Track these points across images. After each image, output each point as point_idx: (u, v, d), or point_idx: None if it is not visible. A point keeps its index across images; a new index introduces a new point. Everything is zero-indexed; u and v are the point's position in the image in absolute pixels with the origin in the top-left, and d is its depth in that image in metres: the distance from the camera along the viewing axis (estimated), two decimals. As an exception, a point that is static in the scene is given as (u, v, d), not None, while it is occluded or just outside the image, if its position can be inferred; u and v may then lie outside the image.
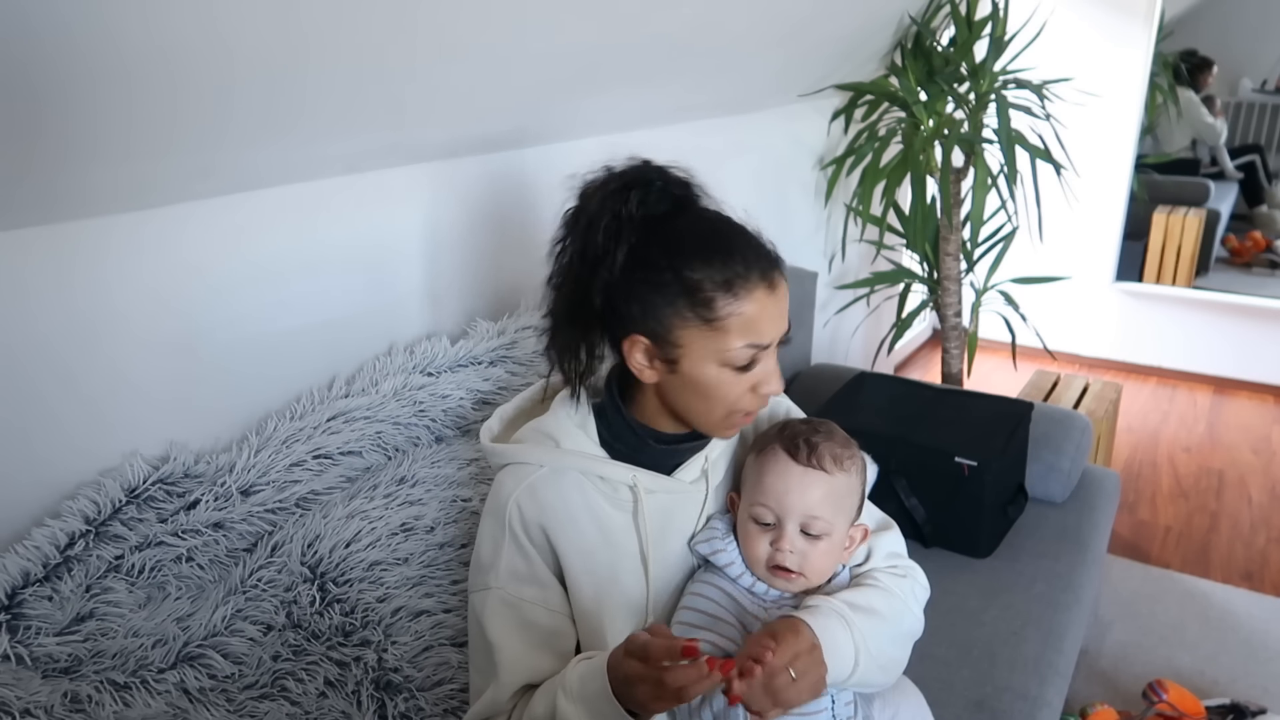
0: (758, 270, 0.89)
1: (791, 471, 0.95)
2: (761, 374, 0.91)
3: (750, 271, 0.88)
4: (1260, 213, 3.46)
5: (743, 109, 2.17)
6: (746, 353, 0.89)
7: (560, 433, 0.98)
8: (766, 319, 0.89)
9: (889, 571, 1.01)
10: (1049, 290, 3.38)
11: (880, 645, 0.93)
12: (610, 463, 0.97)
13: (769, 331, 0.90)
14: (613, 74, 1.50)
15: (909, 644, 1.01)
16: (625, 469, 0.97)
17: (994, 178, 2.42)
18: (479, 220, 1.52)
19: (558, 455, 0.97)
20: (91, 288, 1.00)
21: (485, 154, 1.49)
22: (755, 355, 0.90)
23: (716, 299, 0.87)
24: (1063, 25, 3.18)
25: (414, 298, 1.42)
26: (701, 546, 0.99)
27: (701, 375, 0.91)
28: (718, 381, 0.91)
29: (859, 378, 1.96)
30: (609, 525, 0.97)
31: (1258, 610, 2.20)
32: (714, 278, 0.88)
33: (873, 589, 0.97)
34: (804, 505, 0.94)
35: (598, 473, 0.97)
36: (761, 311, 0.88)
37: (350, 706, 1.02)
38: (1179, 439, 3.13)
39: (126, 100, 0.84)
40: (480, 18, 1.11)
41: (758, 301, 0.88)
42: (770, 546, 0.94)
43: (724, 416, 0.94)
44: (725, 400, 0.92)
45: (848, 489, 0.97)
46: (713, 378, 0.91)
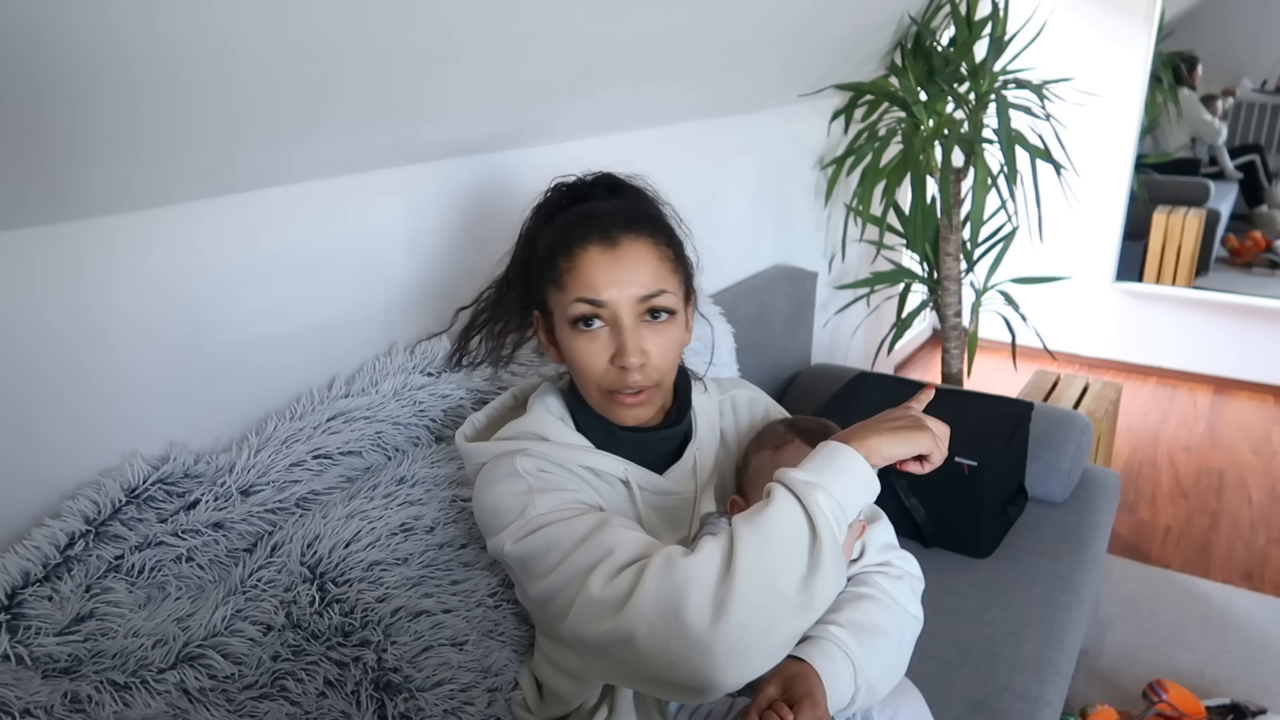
0: (597, 232, 0.91)
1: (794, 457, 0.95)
2: (616, 344, 0.92)
3: (589, 231, 0.91)
4: (1260, 213, 3.46)
5: (743, 109, 2.17)
6: (580, 308, 0.91)
7: (547, 429, 0.99)
8: (598, 274, 0.90)
9: (885, 573, 1.01)
10: (1049, 290, 3.38)
11: (881, 665, 0.93)
12: (602, 454, 0.98)
13: (603, 287, 0.90)
14: (613, 74, 1.50)
15: (910, 647, 1.00)
16: (617, 461, 0.97)
17: (994, 178, 2.42)
18: (481, 220, 1.52)
19: (548, 449, 0.97)
20: (94, 288, 1.00)
21: (487, 153, 1.49)
22: (595, 311, 0.91)
23: (558, 259, 0.92)
24: (1063, 25, 3.18)
25: (414, 297, 1.42)
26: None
27: (566, 342, 0.94)
28: (575, 348, 0.93)
29: (859, 378, 1.96)
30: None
31: (1258, 610, 2.20)
32: (560, 239, 0.93)
33: (872, 602, 0.96)
34: None
35: (589, 464, 0.97)
36: (593, 266, 0.90)
37: (350, 706, 1.02)
38: (1179, 439, 3.13)
39: (133, 100, 0.84)
40: (480, 17, 1.11)
41: (590, 257, 0.91)
42: None
43: (599, 395, 0.95)
44: (591, 372, 0.94)
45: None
46: (570, 343, 0.94)
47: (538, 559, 0.88)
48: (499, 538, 0.93)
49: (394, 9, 0.98)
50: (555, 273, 0.93)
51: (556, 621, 0.87)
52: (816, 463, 0.84)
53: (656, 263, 0.93)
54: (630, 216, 0.93)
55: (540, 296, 0.97)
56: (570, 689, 1.03)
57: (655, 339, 0.93)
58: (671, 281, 0.94)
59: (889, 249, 2.87)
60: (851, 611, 0.94)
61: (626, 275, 0.91)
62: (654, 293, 0.92)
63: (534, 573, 0.89)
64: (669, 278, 0.94)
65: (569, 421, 1.00)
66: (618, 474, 0.97)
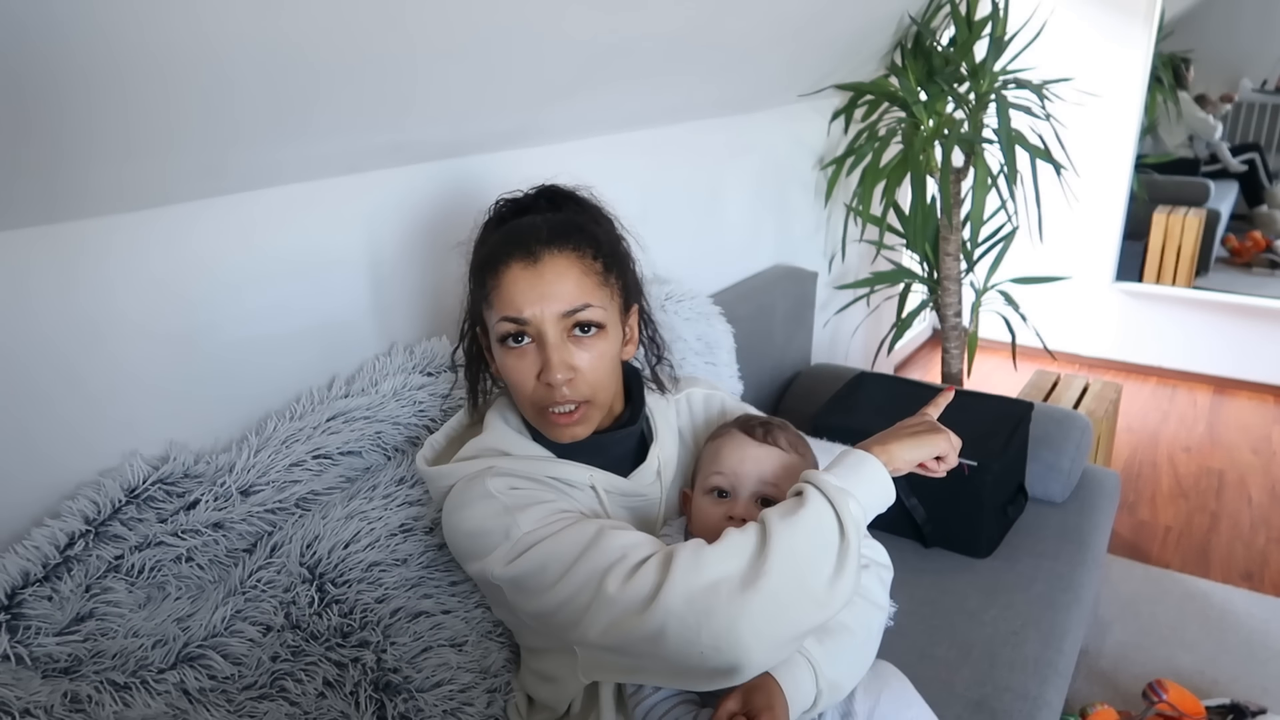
0: (519, 248, 0.91)
1: (747, 445, 0.99)
2: (541, 361, 0.92)
3: (512, 250, 0.92)
4: (1260, 213, 3.46)
5: (743, 109, 2.17)
6: (505, 326, 0.92)
7: (507, 444, 0.99)
8: (520, 291, 0.90)
9: None
10: (1049, 290, 3.38)
11: (845, 663, 0.94)
12: (567, 463, 0.98)
13: (525, 304, 0.90)
14: (613, 74, 1.50)
15: (877, 638, 1.01)
16: (582, 469, 0.97)
17: (994, 178, 2.42)
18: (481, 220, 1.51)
19: (512, 463, 0.97)
20: (92, 288, 1.00)
21: (486, 153, 1.49)
22: (518, 329, 0.91)
23: (486, 275, 0.93)
24: (1063, 25, 3.18)
25: (415, 298, 1.42)
26: None
27: (498, 360, 0.95)
28: (505, 365, 0.94)
29: (859, 378, 1.96)
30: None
31: (1258, 610, 2.20)
32: (486, 257, 0.94)
33: None
34: (759, 473, 0.97)
35: (555, 474, 0.97)
36: (513, 285, 0.91)
37: (349, 707, 1.02)
38: (1179, 439, 3.13)
39: (121, 100, 0.84)
40: (480, 17, 1.11)
41: (512, 274, 0.91)
42: (724, 516, 0.95)
43: (533, 411, 0.95)
44: (521, 389, 0.94)
45: (801, 470, 0.97)
46: (501, 361, 0.94)
47: (534, 576, 0.88)
48: (484, 562, 0.92)
49: (393, 9, 0.98)
50: (484, 291, 0.94)
51: (564, 631, 0.86)
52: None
53: (580, 276, 0.92)
54: (555, 230, 0.93)
55: (478, 314, 0.98)
56: (550, 694, 1.03)
57: (582, 354, 0.93)
58: (599, 294, 0.93)
59: (889, 249, 2.87)
60: None
61: (548, 291, 0.90)
62: (577, 307, 0.91)
63: (532, 589, 0.88)
64: (595, 291, 0.93)
65: (527, 433, 1.01)
66: (585, 481, 0.97)
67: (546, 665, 1.04)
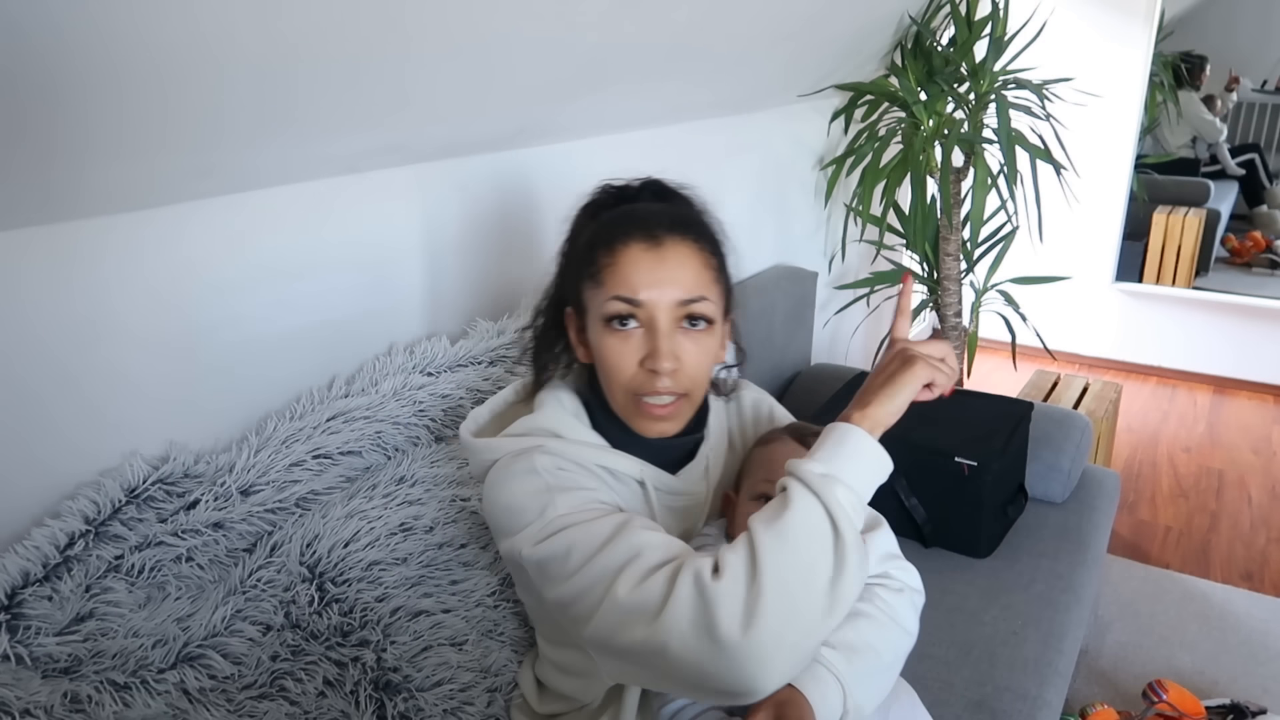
0: (640, 229, 0.88)
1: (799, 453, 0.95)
2: (648, 347, 0.89)
3: (632, 229, 0.88)
4: (1260, 213, 3.46)
5: (743, 109, 2.17)
6: (616, 305, 0.88)
7: (560, 426, 0.96)
8: (638, 272, 0.87)
9: (884, 585, 0.99)
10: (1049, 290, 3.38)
11: (870, 686, 0.92)
12: (618, 454, 0.95)
13: (641, 286, 0.87)
14: (612, 74, 1.50)
15: (901, 663, 0.99)
16: (633, 462, 0.95)
17: (994, 178, 2.42)
18: (479, 220, 1.52)
19: (563, 446, 0.94)
20: (90, 288, 1.00)
21: (485, 154, 1.49)
22: (631, 310, 0.88)
23: (598, 252, 0.89)
24: (1063, 25, 3.18)
25: (414, 297, 1.42)
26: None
27: (596, 340, 0.91)
28: (606, 347, 0.90)
29: (859, 378, 1.97)
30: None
31: (1258, 610, 2.20)
32: (599, 233, 0.90)
33: (867, 621, 0.94)
34: None
35: (604, 464, 0.94)
36: (633, 264, 0.87)
37: (349, 706, 1.02)
38: (1179, 439, 3.13)
39: (117, 99, 0.84)
40: (479, 16, 1.11)
41: (631, 255, 0.88)
42: None
43: (626, 398, 0.92)
44: (619, 373, 0.90)
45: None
46: (601, 342, 0.90)
47: (558, 561, 0.85)
48: (516, 539, 0.89)
49: (392, 9, 0.98)
50: (594, 268, 0.89)
51: (576, 626, 0.84)
52: (826, 450, 0.81)
53: (700, 268, 0.90)
54: (677, 219, 0.90)
55: (575, 292, 0.94)
56: (576, 688, 1.02)
57: (690, 347, 0.90)
58: (713, 290, 0.91)
59: (889, 249, 2.87)
60: (845, 631, 0.92)
61: (668, 276, 0.87)
62: (695, 298, 0.89)
63: (554, 576, 0.85)
64: (711, 286, 0.91)
65: (584, 419, 0.98)
66: (634, 475, 0.95)
67: (569, 659, 1.02)
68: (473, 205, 1.50)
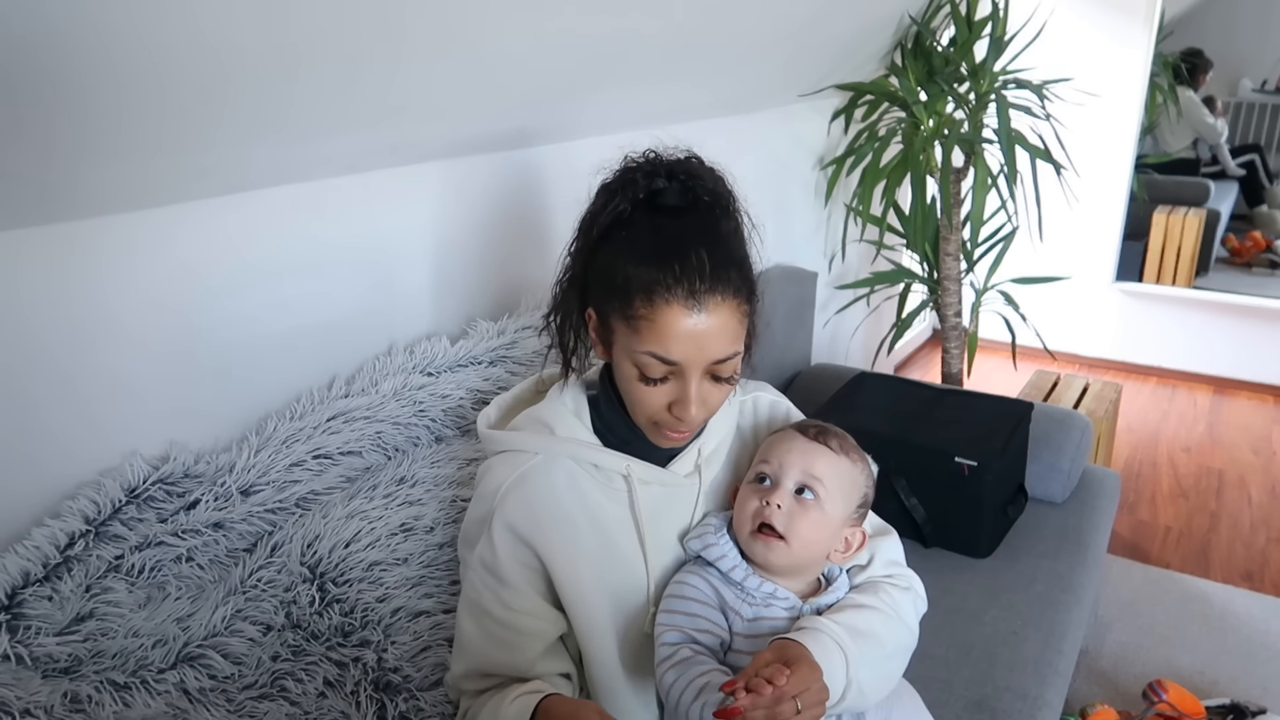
0: (685, 287, 0.86)
1: (796, 439, 0.98)
2: (678, 394, 0.90)
3: (676, 285, 0.86)
4: (1260, 213, 3.46)
5: (743, 109, 2.17)
6: (648, 360, 0.88)
7: (555, 420, 0.98)
8: (677, 337, 0.86)
9: (890, 583, 1.00)
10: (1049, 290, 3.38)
11: (872, 671, 0.92)
12: (604, 450, 0.97)
13: (678, 351, 0.87)
14: (613, 74, 1.50)
15: (904, 660, 0.99)
16: (619, 457, 0.97)
17: (994, 178, 2.42)
18: (478, 220, 1.52)
19: (552, 442, 0.97)
20: (87, 288, 1.00)
21: (485, 154, 1.49)
22: (666, 370, 0.88)
23: (635, 299, 0.87)
24: (1063, 25, 3.18)
25: (413, 298, 1.42)
26: (693, 543, 0.98)
27: (623, 374, 0.92)
28: (633, 389, 0.91)
29: (859, 378, 1.96)
30: (603, 516, 0.97)
31: (1258, 610, 2.20)
32: (641, 278, 0.87)
33: (872, 611, 0.95)
34: (805, 464, 0.96)
35: (591, 460, 0.97)
36: (673, 327, 0.86)
37: (349, 707, 1.02)
38: (1179, 439, 3.13)
39: (115, 99, 0.84)
40: (479, 16, 1.11)
41: (673, 315, 0.86)
42: (760, 502, 0.94)
43: (648, 422, 0.94)
44: (645, 406, 0.92)
45: (849, 475, 0.98)
46: (628, 375, 0.91)
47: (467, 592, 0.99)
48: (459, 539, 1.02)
49: (392, 8, 0.98)
50: (630, 310, 0.88)
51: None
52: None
53: (736, 325, 0.90)
54: (717, 268, 0.88)
55: (602, 309, 0.92)
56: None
57: (716, 393, 0.93)
58: (741, 336, 0.93)
59: (889, 249, 2.87)
60: (850, 615, 0.93)
61: (706, 343, 0.88)
62: (728, 356, 0.90)
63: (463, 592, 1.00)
64: (740, 333, 0.92)
65: (584, 418, 0.99)
66: (619, 470, 0.97)
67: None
68: (472, 205, 1.50)
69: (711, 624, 0.93)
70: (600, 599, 0.96)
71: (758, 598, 0.95)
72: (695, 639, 0.92)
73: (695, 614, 0.93)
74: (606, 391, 0.99)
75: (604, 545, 0.97)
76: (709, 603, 0.94)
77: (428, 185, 1.40)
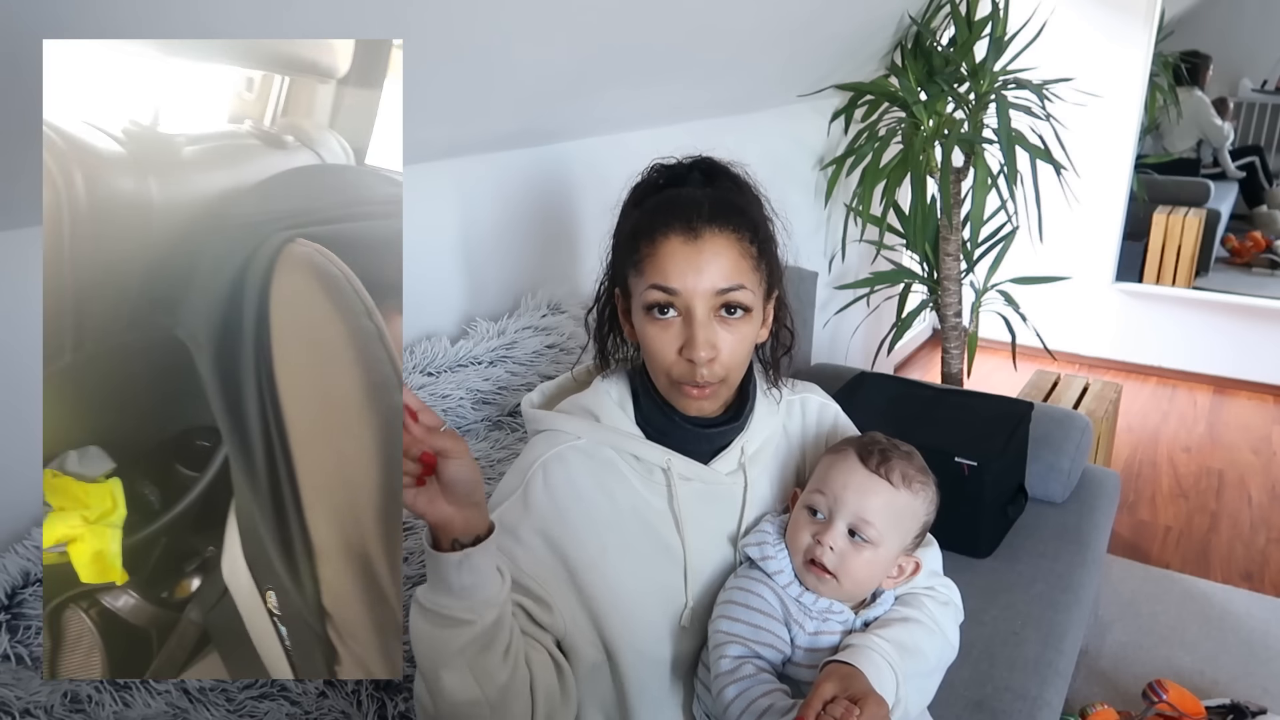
0: (680, 220, 0.90)
1: (856, 471, 0.95)
2: (686, 335, 0.91)
3: (672, 220, 0.90)
4: (1260, 213, 3.46)
5: (743, 109, 2.17)
6: (654, 294, 0.90)
7: (600, 409, 0.99)
8: (675, 263, 0.89)
9: (932, 596, 1.00)
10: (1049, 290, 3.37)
11: (917, 687, 0.93)
12: (646, 443, 0.97)
13: (676, 277, 0.89)
14: (613, 74, 1.50)
15: (941, 674, 1.00)
16: (660, 451, 0.97)
17: (994, 178, 2.42)
18: (478, 220, 1.52)
19: (596, 430, 0.98)
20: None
21: (485, 154, 1.49)
22: (667, 300, 0.90)
23: (640, 241, 0.91)
24: (1063, 25, 3.18)
25: (414, 298, 1.42)
26: (752, 550, 0.96)
27: (639, 326, 0.94)
28: (647, 334, 0.93)
29: (859, 378, 1.96)
30: (641, 506, 0.97)
31: (1258, 610, 2.20)
32: (642, 222, 0.92)
33: (918, 626, 0.96)
34: (858, 506, 0.93)
35: (633, 451, 0.97)
36: (671, 255, 0.89)
37: (350, 707, 1.02)
38: (1179, 439, 3.13)
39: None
40: (480, 15, 1.11)
41: (670, 246, 0.90)
42: (813, 539, 0.93)
43: (667, 382, 0.95)
44: (660, 359, 0.93)
45: (909, 510, 0.96)
46: (643, 329, 0.93)
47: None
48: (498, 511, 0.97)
49: (397, 9, 0.98)
50: (636, 256, 0.92)
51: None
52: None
53: (738, 258, 0.91)
54: (717, 208, 0.92)
55: (622, 277, 0.96)
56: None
57: (727, 335, 0.92)
58: (752, 278, 0.93)
59: (889, 249, 2.87)
60: (897, 630, 0.94)
61: (705, 266, 0.90)
62: (731, 287, 0.90)
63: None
64: (749, 274, 0.92)
65: (628, 409, 1.00)
66: (660, 463, 0.97)
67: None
68: (472, 205, 1.50)
69: (775, 637, 0.92)
70: (633, 586, 0.95)
71: (815, 612, 0.93)
72: (758, 654, 0.91)
73: (760, 625, 0.92)
74: (645, 383, 0.99)
75: (642, 534, 0.96)
76: (775, 615, 0.92)
77: (427, 185, 1.40)
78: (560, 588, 0.95)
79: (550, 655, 0.92)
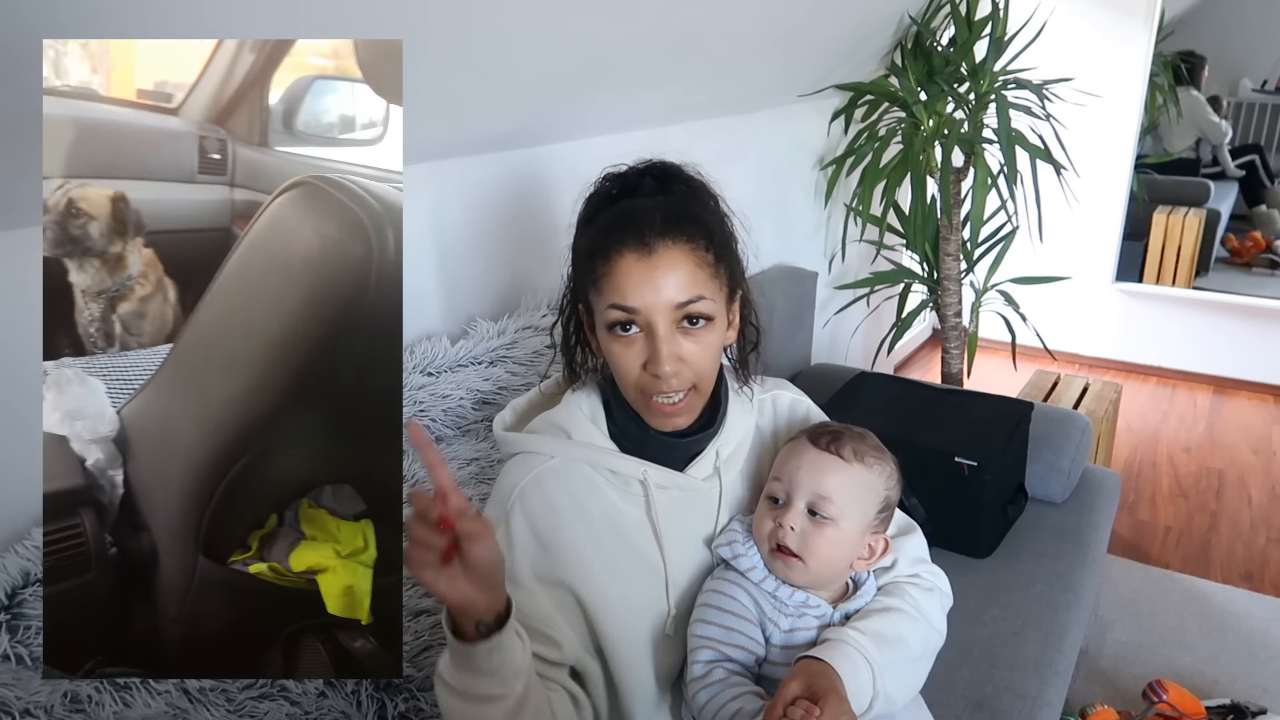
0: (633, 237, 0.89)
1: (807, 452, 0.96)
2: (649, 351, 0.91)
3: (625, 237, 0.89)
4: (1260, 213, 3.46)
5: (743, 109, 2.17)
6: (614, 314, 0.90)
7: (571, 425, 0.98)
8: (631, 282, 0.89)
9: (915, 584, 1.00)
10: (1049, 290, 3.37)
11: (899, 677, 0.92)
12: (620, 456, 0.97)
13: (634, 295, 0.89)
14: (613, 74, 1.50)
15: (931, 660, 0.99)
16: (635, 463, 0.97)
17: (994, 178, 2.42)
18: (479, 220, 1.52)
19: (568, 447, 0.97)
20: (91, 288, 1.00)
21: (485, 154, 1.49)
22: (627, 318, 0.89)
23: (596, 262, 0.91)
24: (1063, 25, 3.18)
25: (414, 298, 1.42)
26: (723, 550, 0.97)
27: (603, 344, 0.93)
28: (611, 352, 0.92)
29: (859, 378, 1.96)
30: (621, 520, 0.97)
31: (1258, 610, 2.20)
32: (599, 243, 0.91)
33: (900, 615, 0.95)
34: (814, 484, 0.94)
35: (608, 466, 0.97)
36: (626, 275, 0.89)
37: (350, 707, 1.02)
38: (1179, 439, 3.13)
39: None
40: (479, 15, 1.11)
41: (625, 264, 0.89)
42: (774, 523, 0.93)
43: (637, 396, 0.94)
44: (626, 376, 0.92)
45: (865, 484, 0.96)
46: (607, 346, 0.93)
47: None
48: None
49: (394, 11, 0.98)
50: (594, 275, 0.91)
51: None
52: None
53: (693, 269, 0.90)
54: (669, 219, 0.91)
55: (583, 294, 0.96)
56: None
57: (691, 345, 0.92)
58: (710, 286, 0.92)
59: (889, 249, 2.87)
60: (876, 621, 0.93)
61: (661, 283, 0.89)
62: (690, 299, 0.90)
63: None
64: (707, 283, 0.92)
65: (600, 423, 0.99)
66: (636, 475, 0.97)
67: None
68: (472, 205, 1.50)
69: (747, 639, 0.92)
70: (619, 601, 0.95)
71: (791, 607, 0.94)
72: (730, 656, 0.91)
73: (732, 628, 0.92)
74: (616, 394, 0.99)
75: (622, 548, 0.96)
76: (748, 617, 0.93)
77: (428, 185, 1.40)
78: (563, 617, 0.94)
79: (567, 691, 0.92)
